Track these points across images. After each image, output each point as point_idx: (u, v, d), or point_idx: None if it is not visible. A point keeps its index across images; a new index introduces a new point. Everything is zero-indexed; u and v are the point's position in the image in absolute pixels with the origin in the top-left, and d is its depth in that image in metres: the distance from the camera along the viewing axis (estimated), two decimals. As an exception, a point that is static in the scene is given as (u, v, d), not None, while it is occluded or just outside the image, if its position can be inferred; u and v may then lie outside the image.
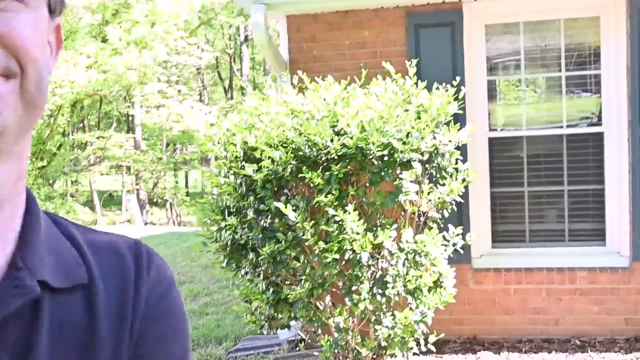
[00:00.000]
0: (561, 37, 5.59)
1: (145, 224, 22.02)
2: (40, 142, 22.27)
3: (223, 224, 4.69)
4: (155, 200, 36.15)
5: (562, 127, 5.61)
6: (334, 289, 4.49)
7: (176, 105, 24.81)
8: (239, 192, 4.55)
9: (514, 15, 5.52)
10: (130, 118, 34.61)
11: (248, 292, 4.55)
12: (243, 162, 4.47)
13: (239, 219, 4.56)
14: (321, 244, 4.22)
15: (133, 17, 20.73)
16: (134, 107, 31.38)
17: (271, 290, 4.52)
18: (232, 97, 39.23)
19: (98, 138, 30.53)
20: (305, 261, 4.41)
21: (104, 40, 21.68)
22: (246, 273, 4.76)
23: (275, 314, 4.60)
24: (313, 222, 4.27)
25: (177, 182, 37.73)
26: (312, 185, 4.33)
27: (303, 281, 4.38)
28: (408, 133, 4.28)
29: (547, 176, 5.63)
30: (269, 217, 4.44)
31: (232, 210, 4.65)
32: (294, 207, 4.28)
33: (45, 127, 22.88)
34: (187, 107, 25.27)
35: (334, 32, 5.50)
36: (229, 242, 4.69)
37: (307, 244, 4.32)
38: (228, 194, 4.62)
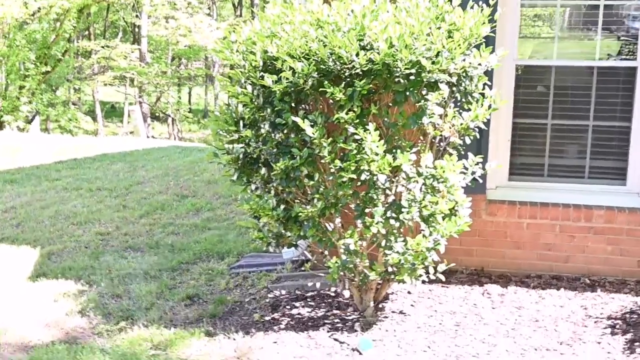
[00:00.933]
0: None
1: (147, 137, 21.86)
2: (45, 46, 21.89)
3: (236, 135, 4.52)
4: (157, 114, 35.88)
5: (594, 59, 5.37)
6: (346, 210, 4.35)
7: (185, 18, 24.25)
8: (256, 103, 4.36)
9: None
10: (137, 29, 33.92)
11: (257, 207, 4.41)
12: (262, 73, 4.26)
13: (253, 132, 4.38)
14: (337, 163, 4.06)
15: None
16: (141, 18, 30.71)
17: (282, 207, 4.38)
18: (240, 14, 38.44)
19: (103, 47, 30.05)
20: (320, 180, 4.25)
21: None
22: (256, 188, 4.61)
23: (284, 232, 4.48)
24: (331, 139, 4.10)
25: (180, 98, 37.39)
26: (332, 100, 4.15)
27: (315, 200, 4.24)
28: (438, 52, 4.06)
29: (572, 110, 5.42)
30: (285, 131, 4.26)
31: (246, 122, 4.47)
32: (312, 123, 4.09)
33: (51, 31, 22.44)
34: (195, 21, 24.65)
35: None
36: (241, 155, 4.53)
37: (322, 161, 4.16)
38: (244, 105, 4.42)
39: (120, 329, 4.60)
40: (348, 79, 4.08)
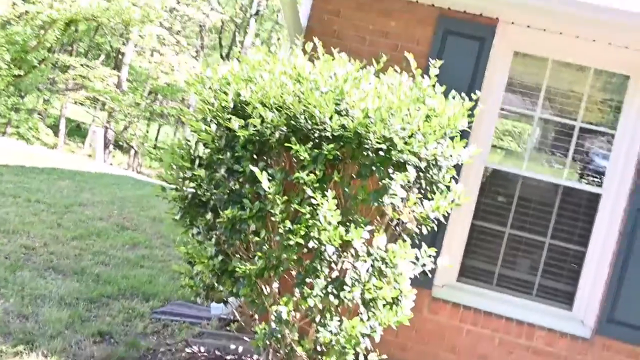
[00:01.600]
0: (585, 86, 5.31)
1: (104, 162, 21.41)
2: (23, 50, 21.49)
3: (189, 173, 4.29)
4: (121, 143, 35.36)
5: (561, 177, 5.32)
6: (286, 276, 4.11)
7: (170, 55, 24.20)
8: (217, 145, 4.15)
9: (545, 50, 5.22)
10: (120, 55, 33.75)
11: (194, 253, 4.15)
12: (230, 115, 4.07)
13: (208, 173, 4.16)
14: (287, 224, 3.84)
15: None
16: (127, 45, 30.61)
17: (219, 258, 4.12)
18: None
19: (82, 65, 29.70)
20: (266, 237, 4.02)
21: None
22: (198, 233, 4.35)
23: (216, 285, 4.21)
24: (286, 198, 3.89)
25: (147, 132, 36.98)
26: (296, 159, 3.96)
27: (257, 258, 3.99)
28: (412, 134, 3.93)
29: (532, 223, 5.33)
30: (241, 180, 4.05)
31: (203, 162, 4.25)
32: (270, 177, 3.89)
33: (33, 37, 22.11)
34: (180, 60, 24.58)
35: (361, 13, 5.13)
36: (189, 195, 4.29)
37: (272, 219, 3.94)
38: (204, 144, 4.22)
39: (15, 352, 4.21)
40: (316, 140, 3.91)
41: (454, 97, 4.20)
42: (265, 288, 4.14)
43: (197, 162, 4.25)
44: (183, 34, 27.56)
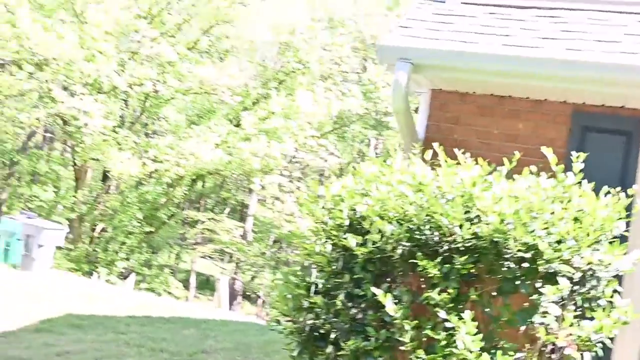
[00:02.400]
0: None
1: (230, 310, 21.39)
2: (154, 207, 22.48)
3: (306, 303, 3.84)
4: (249, 294, 35.63)
5: None
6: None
7: (291, 202, 24.61)
8: (333, 268, 3.71)
9: None
10: (245, 208, 34.78)
11: (315, 393, 3.62)
12: (346, 234, 3.65)
13: (326, 301, 3.69)
14: (420, 354, 3.26)
15: (270, 107, 20.92)
16: (251, 197, 31.55)
17: (345, 398, 3.55)
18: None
19: (210, 219, 30.75)
20: (396, 372, 3.44)
21: (237, 125, 21.96)
22: (319, 371, 3.83)
23: None
24: (416, 323, 3.33)
25: (274, 281, 37.14)
26: (423, 278, 3.44)
27: (387, 396, 3.41)
28: (561, 239, 3.33)
29: None
30: (363, 305, 3.55)
31: (319, 289, 3.80)
32: (396, 300, 3.38)
33: (162, 194, 23.18)
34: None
35: (483, 118, 4.71)
36: (307, 327, 3.81)
37: (402, 348, 3.37)
38: (320, 270, 3.79)
39: None
40: (446, 254, 3.39)
41: (605, 195, 3.59)
42: None
43: (312, 289, 3.80)
44: (303, 181, 28.15)
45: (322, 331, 3.76)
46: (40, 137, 28.85)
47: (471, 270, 3.35)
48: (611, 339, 3.73)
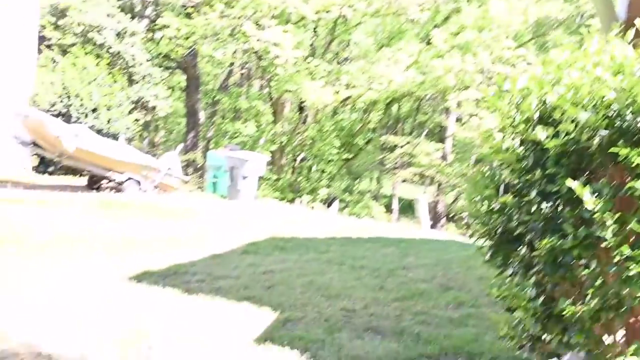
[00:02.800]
0: None
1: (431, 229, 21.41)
2: (350, 134, 22.93)
3: (496, 205, 3.65)
4: (452, 215, 35.47)
5: None
6: (633, 318, 3.19)
7: (491, 117, 23.76)
8: (523, 165, 3.47)
9: None
10: (443, 129, 34.30)
11: (510, 295, 3.45)
12: (535, 127, 3.38)
13: (516, 200, 3.47)
14: (625, 250, 2.97)
15: (462, 21, 20.17)
16: (448, 118, 31.01)
17: (541, 299, 3.36)
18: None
19: (407, 143, 30.76)
20: (597, 271, 3.16)
21: (429, 43, 21.47)
22: (514, 274, 3.65)
23: (542, 334, 3.43)
24: (618, 216, 3.03)
25: (464, 186, 36.52)
26: (626, 168, 3.10)
27: (588, 297, 3.16)
28: None
29: None
30: (558, 201, 3.29)
31: (509, 188, 3.59)
32: (595, 193, 3.08)
33: (358, 121, 23.52)
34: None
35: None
36: (498, 229, 3.64)
37: (603, 246, 3.09)
38: (508, 167, 3.57)
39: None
40: (653, 140, 3.02)
41: None
42: (606, 335, 3.24)
43: (501, 189, 3.59)
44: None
45: (515, 233, 3.57)
46: (238, 76, 30.35)
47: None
48: None
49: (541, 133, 3.27)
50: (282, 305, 6.32)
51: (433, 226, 27.10)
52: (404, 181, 34.10)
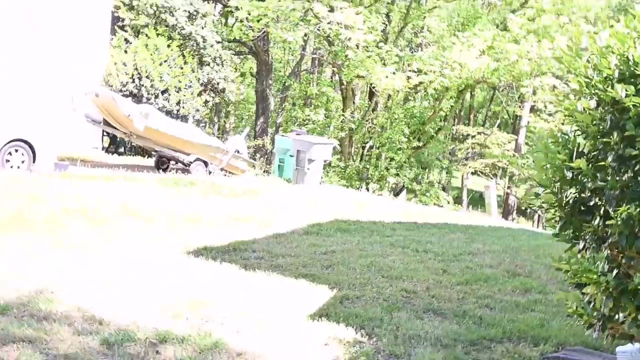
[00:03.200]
0: None
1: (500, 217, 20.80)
2: (420, 122, 22.49)
3: (569, 174, 3.36)
4: (524, 208, 34.51)
5: None
6: None
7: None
8: (599, 127, 3.18)
9: None
10: (517, 119, 33.36)
11: (579, 269, 3.17)
12: (614, 85, 3.09)
13: (590, 165, 3.19)
14: None
15: (539, 5, 19.45)
16: (523, 108, 30.13)
17: (614, 274, 3.07)
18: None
19: (479, 133, 30.06)
20: (680, 243, 2.87)
21: (504, 29, 20.82)
22: (585, 248, 3.37)
23: (614, 312, 3.14)
24: None
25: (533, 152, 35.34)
26: None
27: (670, 272, 2.86)
28: None
29: None
30: (637, 167, 2.99)
31: (584, 154, 3.30)
32: (680, 157, 2.78)
33: (429, 109, 23.04)
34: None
35: None
36: (570, 199, 3.35)
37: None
38: (583, 130, 3.28)
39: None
40: None
41: None
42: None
43: (574, 153, 3.31)
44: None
45: (588, 203, 3.28)
46: (310, 62, 30.25)
47: None
48: None
49: (620, 90, 2.97)
50: (340, 283, 6.14)
51: (505, 218, 26.40)
52: (474, 173, 33.32)
